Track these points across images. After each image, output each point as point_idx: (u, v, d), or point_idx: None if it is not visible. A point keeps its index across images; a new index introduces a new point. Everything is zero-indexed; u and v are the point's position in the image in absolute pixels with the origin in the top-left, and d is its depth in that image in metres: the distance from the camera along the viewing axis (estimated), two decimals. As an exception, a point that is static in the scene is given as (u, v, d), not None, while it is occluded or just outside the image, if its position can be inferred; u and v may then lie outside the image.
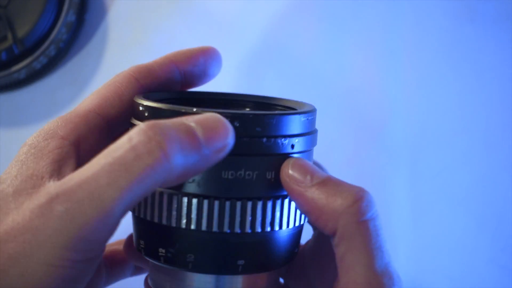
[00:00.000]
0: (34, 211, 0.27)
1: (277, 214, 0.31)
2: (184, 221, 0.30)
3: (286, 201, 0.31)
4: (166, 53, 0.37)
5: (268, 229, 0.31)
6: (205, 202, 0.30)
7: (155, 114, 0.31)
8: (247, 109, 0.37)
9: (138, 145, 0.27)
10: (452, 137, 0.55)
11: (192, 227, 0.30)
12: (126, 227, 0.34)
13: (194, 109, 0.30)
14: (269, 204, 0.31)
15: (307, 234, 0.37)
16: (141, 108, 0.32)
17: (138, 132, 0.27)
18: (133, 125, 0.33)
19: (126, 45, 0.57)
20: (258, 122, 0.30)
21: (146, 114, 0.31)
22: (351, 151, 0.55)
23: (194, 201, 0.30)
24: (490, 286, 0.54)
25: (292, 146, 0.31)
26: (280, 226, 0.31)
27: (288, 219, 0.32)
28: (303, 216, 0.33)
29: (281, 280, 0.40)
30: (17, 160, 0.31)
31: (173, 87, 0.36)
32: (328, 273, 0.35)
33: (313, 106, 0.34)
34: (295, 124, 0.31)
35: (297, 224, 0.32)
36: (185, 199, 0.30)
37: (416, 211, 0.55)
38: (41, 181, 0.29)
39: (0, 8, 0.54)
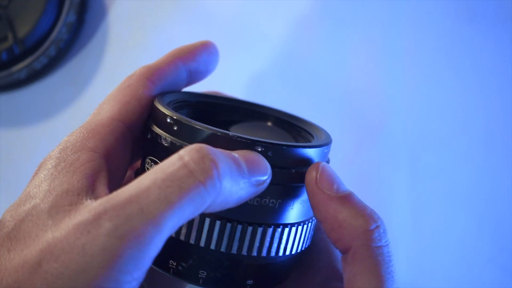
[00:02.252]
0: (79, 228, 0.25)
1: (290, 240, 0.32)
2: (204, 240, 0.30)
3: (300, 228, 0.32)
4: (166, 53, 0.36)
5: (281, 253, 0.32)
6: (228, 225, 0.30)
7: (186, 130, 0.30)
8: (269, 124, 0.38)
9: (191, 162, 0.26)
10: (452, 137, 0.55)
11: (212, 247, 0.30)
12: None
13: (230, 134, 0.30)
14: (286, 231, 0.31)
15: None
16: (169, 121, 0.31)
17: (189, 151, 0.27)
18: (152, 131, 0.32)
19: (126, 45, 0.57)
20: (290, 154, 0.30)
21: (175, 128, 0.31)
22: (351, 151, 0.55)
23: (218, 223, 0.30)
24: (490, 286, 0.54)
25: None
26: (291, 251, 0.32)
27: (297, 245, 0.32)
28: (307, 242, 0.33)
29: None
30: (46, 174, 0.29)
31: (180, 84, 0.36)
32: (304, 282, 0.36)
33: (329, 136, 0.34)
34: (319, 156, 0.32)
35: (303, 249, 0.33)
36: (208, 220, 0.30)
37: (416, 211, 0.55)
38: (77, 198, 0.27)
39: (1, 8, 0.54)
